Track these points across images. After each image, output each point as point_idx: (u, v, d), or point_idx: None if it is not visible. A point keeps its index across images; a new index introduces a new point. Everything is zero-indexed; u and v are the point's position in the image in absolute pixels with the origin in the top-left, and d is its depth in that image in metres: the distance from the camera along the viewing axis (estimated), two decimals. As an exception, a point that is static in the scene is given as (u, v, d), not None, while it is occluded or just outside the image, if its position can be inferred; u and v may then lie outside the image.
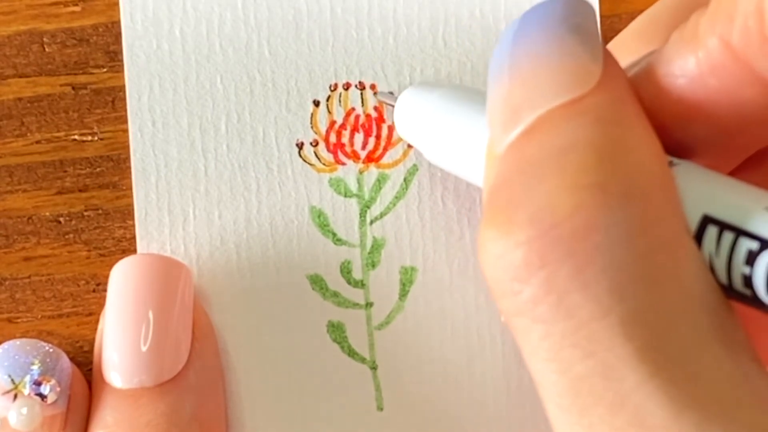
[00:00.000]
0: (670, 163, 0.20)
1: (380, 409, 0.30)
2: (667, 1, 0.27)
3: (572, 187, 0.19)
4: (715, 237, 0.19)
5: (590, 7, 0.22)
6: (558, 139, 0.20)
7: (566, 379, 0.19)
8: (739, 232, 0.19)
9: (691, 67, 0.21)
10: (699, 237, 0.20)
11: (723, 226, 0.19)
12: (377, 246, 0.31)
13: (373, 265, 0.31)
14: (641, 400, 0.18)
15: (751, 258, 0.19)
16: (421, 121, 0.28)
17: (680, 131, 0.21)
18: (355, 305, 0.31)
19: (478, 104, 0.27)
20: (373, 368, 0.31)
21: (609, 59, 0.21)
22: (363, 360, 0.31)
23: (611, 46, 0.27)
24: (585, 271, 0.19)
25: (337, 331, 0.30)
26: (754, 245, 0.19)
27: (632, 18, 0.31)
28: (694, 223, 0.20)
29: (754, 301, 0.19)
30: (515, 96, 0.21)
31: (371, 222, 0.31)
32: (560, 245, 0.19)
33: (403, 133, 0.30)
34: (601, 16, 0.31)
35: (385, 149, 0.31)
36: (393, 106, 0.30)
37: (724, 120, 0.21)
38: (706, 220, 0.20)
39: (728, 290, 0.20)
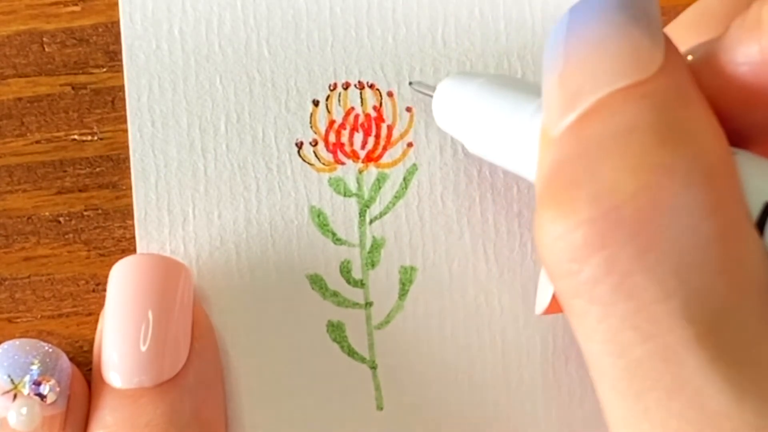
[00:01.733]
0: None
1: (380, 408, 0.30)
2: None
3: (636, 167, 0.19)
4: None
5: None
6: (620, 120, 0.20)
7: (623, 362, 0.19)
8: None
9: (754, 54, 0.21)
10: (761, 225, 0.19)
11: None
12: (377, 245, 0.31)
13: (373, 265, 0.31)
14: (701, 384, 0.18)
15: None
16: (462, 111, 0.28)
17: (740, 119, 0.21)
18: (355, 305, 0.31)
19: (522, 93, 0.26)
20: (373, 368, 0.30)
21: (670, 45, 0.21)
22: (363, 360, 0.30)
23: None
24: (648, 253, 0.19)
25: (336, 330, 0.30)
26: None
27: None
28: (755, 211, 0.20)
29: None
30: (573, 80, 0.20)
31: (371, 221, 0.31)
32: (623, 226, 0.19)
33: (442, 125, 0.29)
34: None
35: (385, 149, 0.31)
36: (431, 96, 0.30)
37: None
38: None
39: None
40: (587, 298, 0.19)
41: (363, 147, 0.31)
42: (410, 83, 0.31)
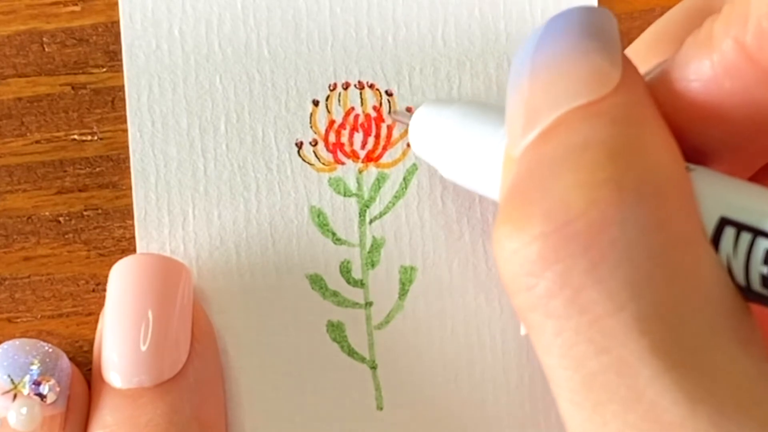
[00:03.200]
0: (686, 169, 0.20)
1: (380, 408, 0.30)
2: (676, 12, 0.27)
3: (587, 183, 0.19)
4: (733, 238, 0.19)
5: (610, 16, 0.22)
6: (574, 138, 0.20)
7: (579, 375, 0.19)
8: (757, 233, 0.19)
9: (706, 70, 0.21)
10: (716, 239, 0.20)
11: (740, 227, 0.19)
12: (377, 245, 0.31)
13: (373, 265, 0.31)
14: (655, 396, 0.18)
15: None
16: (436, 138, 0.28)
17: (696, 136, 0.21)
18: (355, 305, 0.31)
19: (493, 119, 0.27)
20: (373, 368, 0.30)
21: (628, 65, 0.21)
22: (363, 359, 0.30)
23: None
24: (600, 266, 0.19)
25: (336, 330, 0.30)
26: None
27: (630, 18, 0.31)
28: (711, 225, 0.20)
29: None
30: (534, 100, 0.21)
31: (371, 221, 0.31)
32: (575, 240, 0.19)
33: (418, 151, 0.30)
34: (601, 16, 0.31)
35: (385, 149, 0.31)
36: (407, 125, 0.30)
37: (739, 122, 0.21)
38: (724, 222, 0.20)
39: (746, 292, 0.20)
40: (543, 312, 0.19)
41: (363, 147, 0.31)
42: (389, 112, 0.31)
